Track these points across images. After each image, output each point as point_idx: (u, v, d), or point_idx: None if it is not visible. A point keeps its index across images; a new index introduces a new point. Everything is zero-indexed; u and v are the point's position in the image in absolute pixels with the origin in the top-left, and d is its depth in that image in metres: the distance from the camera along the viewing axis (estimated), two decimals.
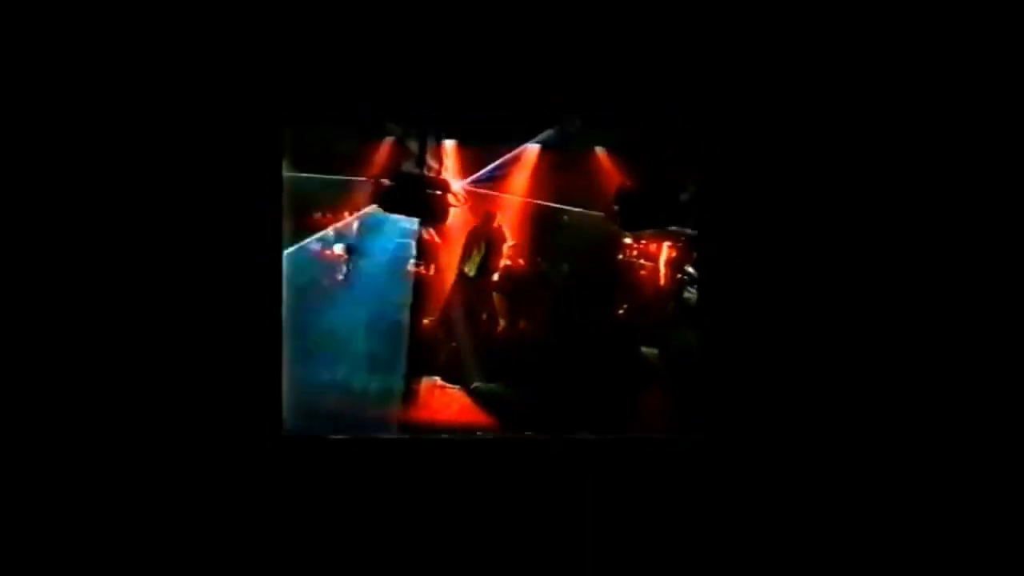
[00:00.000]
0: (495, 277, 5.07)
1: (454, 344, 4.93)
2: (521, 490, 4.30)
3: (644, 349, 4.82)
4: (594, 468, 4.34)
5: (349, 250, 4.94)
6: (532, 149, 4.95)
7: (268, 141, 4.39)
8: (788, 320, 4.33)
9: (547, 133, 4.87)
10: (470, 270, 5.05)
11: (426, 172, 4.85)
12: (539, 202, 5.03)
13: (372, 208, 4.86)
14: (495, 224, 5.08)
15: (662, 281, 4.97)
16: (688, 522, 4.26)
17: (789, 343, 4.32)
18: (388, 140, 4.86)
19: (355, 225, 4.93)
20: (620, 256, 5.02)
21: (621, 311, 4.98)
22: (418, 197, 4.82)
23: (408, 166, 4.83)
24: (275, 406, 4.34)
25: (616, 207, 4.77)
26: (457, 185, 4.94)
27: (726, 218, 4.52)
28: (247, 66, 4.27)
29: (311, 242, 4.82)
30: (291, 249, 4.63)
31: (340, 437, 4.42)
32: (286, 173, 4.56)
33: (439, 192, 4.84)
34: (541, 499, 4.29)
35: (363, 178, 4.86)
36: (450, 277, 5.05)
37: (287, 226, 4.60)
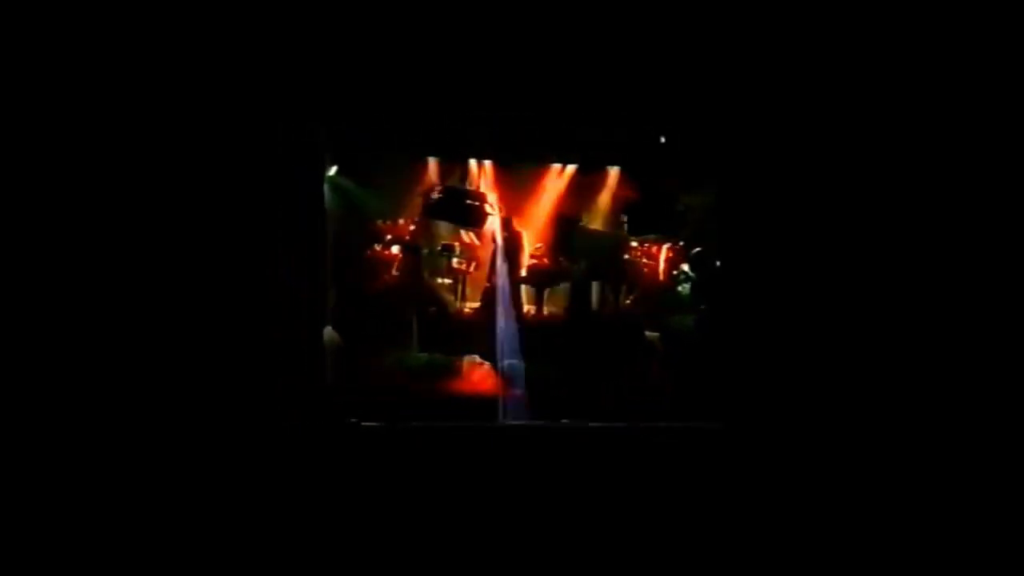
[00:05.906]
0: (524, 273, 5.89)
1: (489, 328, 5.66)
2: (528, 475, 4.19)
3: (648, 333, 5.59)
4: (604, 453, 4.36)
5: (403, 250, 5.76)
6: (555, 167, 5.84)
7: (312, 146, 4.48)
8: (775, 310, 4.44)
9: (569, 155, 5.68)
10: None
11: (467, 186, 5.65)
12: (561, 211, 5.88)
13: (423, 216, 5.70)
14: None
15: (661, 277, 5.88)
16: (683, 495, 4.15)
17: (774, 331, 4.43)
18: (435, 160, 5.71)
19: (409, 230, 5.77)
20: (627, 256, 5.89)
21: (628, 301, 5.84)
22: (461, 207, 5.58)
23: (452, 181, 5.65)
24: (319, 394, 4.38)
25: (624, 216, 5.62)
26: (493, 197, 5.75)
27: (734, 224, 4.67)
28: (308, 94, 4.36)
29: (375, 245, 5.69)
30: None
31: (372, 424, 4.45)
32: (353, 188, 5.43)
33: (478, 203, 5.61)
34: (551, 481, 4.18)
35: (416, 192, 5.72)
36: (486, 273, 5.87)
37: (355, 232, 5.45)
